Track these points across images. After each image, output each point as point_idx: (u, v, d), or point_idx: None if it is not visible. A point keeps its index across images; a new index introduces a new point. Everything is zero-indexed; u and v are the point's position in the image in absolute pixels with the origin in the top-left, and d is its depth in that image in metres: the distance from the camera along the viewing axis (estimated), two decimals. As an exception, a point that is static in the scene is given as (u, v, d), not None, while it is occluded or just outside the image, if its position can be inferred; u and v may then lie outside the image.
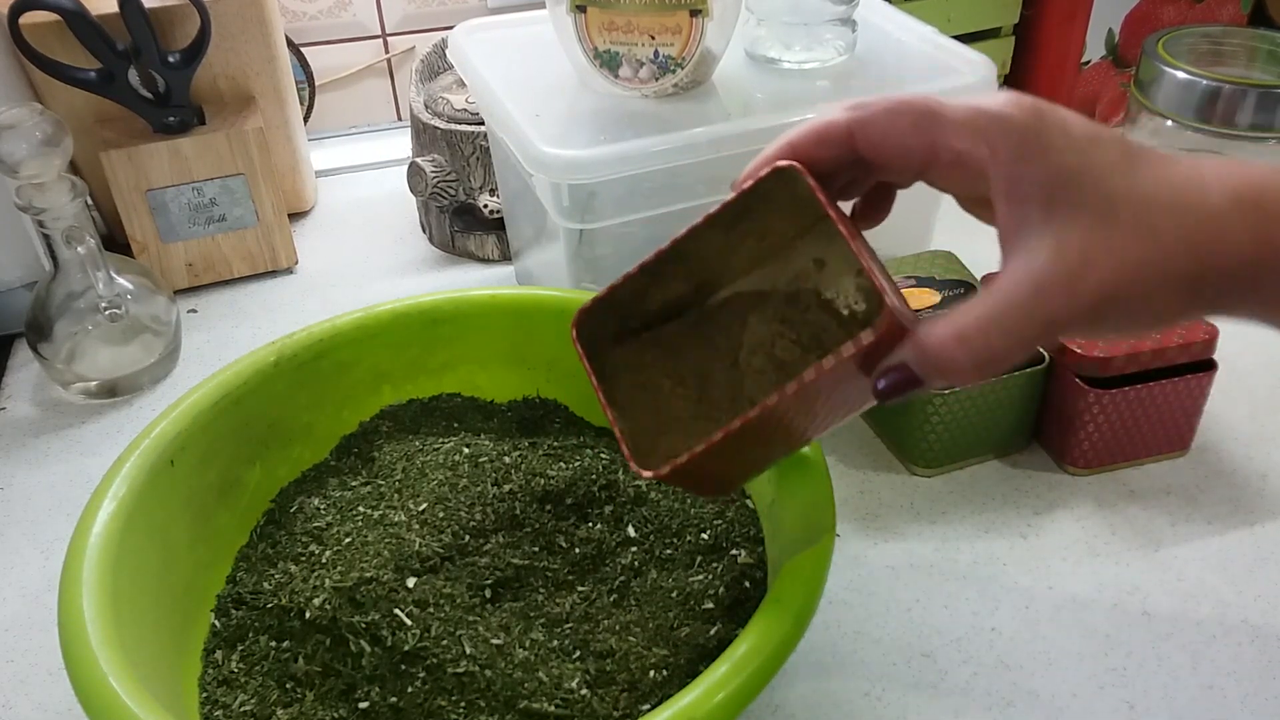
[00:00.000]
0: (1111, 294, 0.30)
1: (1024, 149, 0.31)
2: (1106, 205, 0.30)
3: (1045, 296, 0.30)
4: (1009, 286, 0.31)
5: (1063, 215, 0.30)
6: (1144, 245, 0.30)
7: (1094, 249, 0.30)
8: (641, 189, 0.55)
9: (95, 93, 0.68)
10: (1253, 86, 0.66)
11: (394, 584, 0.41)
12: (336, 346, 0.51)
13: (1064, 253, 0.30)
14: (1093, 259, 0.30)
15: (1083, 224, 0.30)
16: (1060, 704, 0.44)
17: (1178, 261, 0.30)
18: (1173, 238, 0.30)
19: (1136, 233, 0.30)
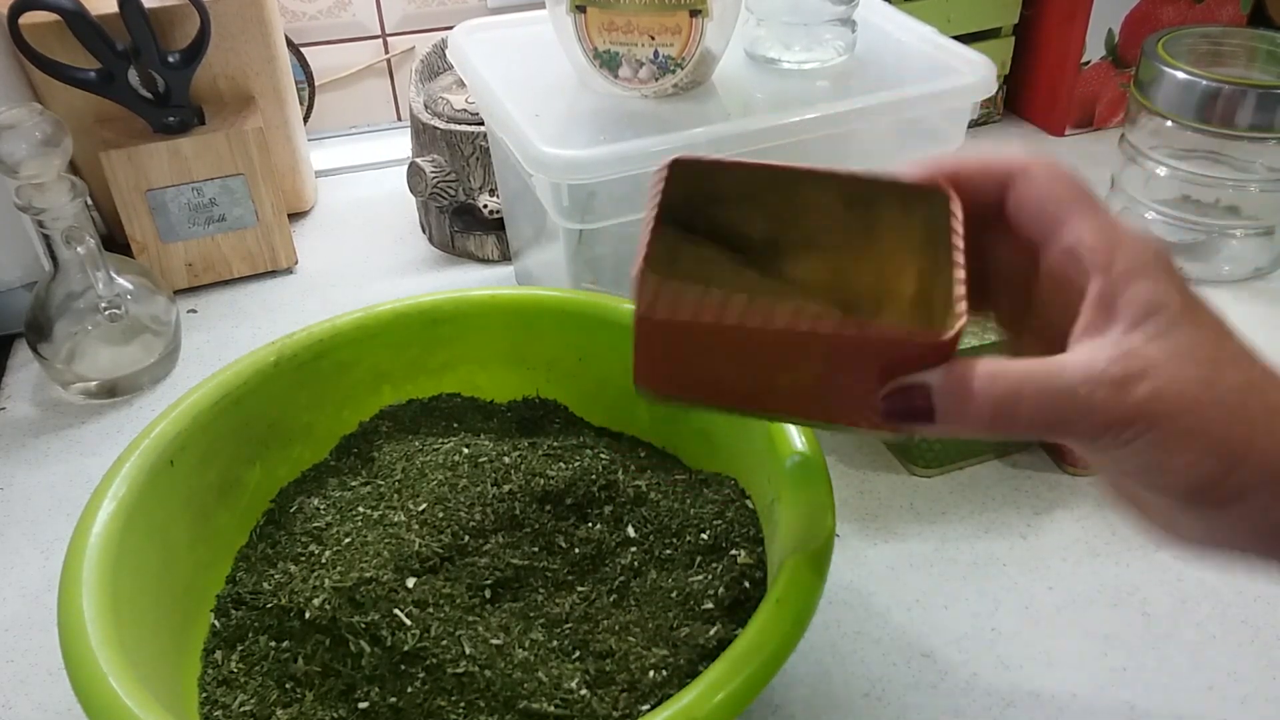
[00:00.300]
0: (1152, 410, 0.29)
1: (1146, 267, 0.31)
2: (1190, 345, 0.30)
3: (1093, 384, 0.29)
4: (1062, 362, 0.30)
5: (1147, 332, 0.30)
6: (1202, 387, 0.29)
7: (1159, 367, 0.29)
8: (641, 189, 0.55)
9: (95, 93, 0.68)
10: (1252, 87, 0.66)
11: (394, 584, 0.41)
12: (336, 346, 0.50)
13: (1131, 358, 0.29)
14: (1152, 373, 0.29)
15: (1162, 347, 0.30)
16: (1060, 704, 0.44)
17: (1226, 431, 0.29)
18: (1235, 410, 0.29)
19: (1200, 376, 0.29)
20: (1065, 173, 0.33)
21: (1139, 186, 0.74)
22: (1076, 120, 0.93)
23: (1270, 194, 0.70)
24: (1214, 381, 0.29)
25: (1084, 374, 0.29)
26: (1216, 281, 0.73)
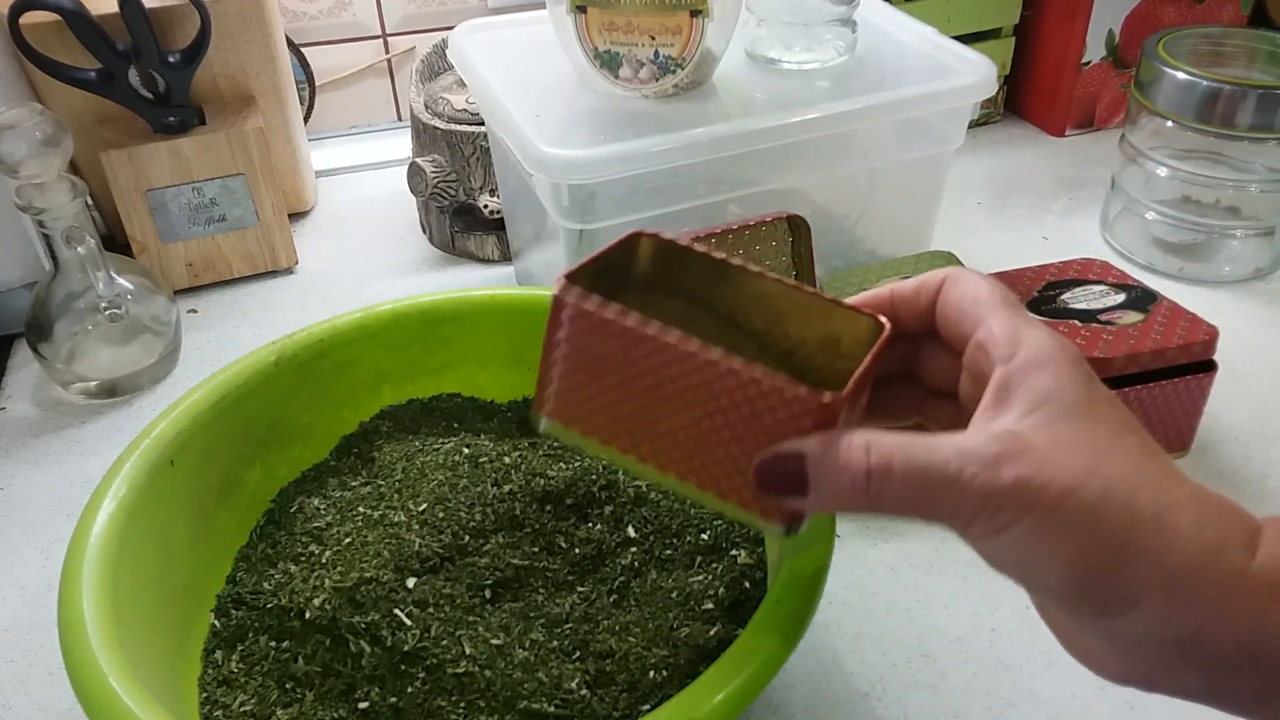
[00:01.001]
0: (1026, 494, 0.28)
1: (1048, 360, 0.30)
2: (1079, 435, 0.29)
3: (965, 460, 0.28)
4: (941, 440, 0.29)
5: (1035, 419, 0.29)
6: (1084, 475, 0.28)
7: (1039, 451, 0.28)
8: (641, 189, 0.55)
9: (95, 93, 0.68)
10: (1253, 87, 0.66)
11: (394, 584, 0.41)
12: (336, 346, 0.50)
13: (1011, 439, 0.28)
14: (1031, 455, 0.28)
15: (1047, 434, 0.28)
16: (1060, 704, 0.44)
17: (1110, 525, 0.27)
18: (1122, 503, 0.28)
19: (1084, 465, 0.28)
20: (988, 279, 0.33)
21: (1139, 187, 0.74)
22: (1076, 120, 0.93)
23: (1270, 194, 0.70)
24: (1098, 472, 0.28)
25: (956, 450, 0.28)
26: (1216, 282, 0.73)
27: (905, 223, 0.68)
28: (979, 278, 0.34)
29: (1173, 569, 0.27)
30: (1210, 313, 0.58)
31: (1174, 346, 0.53)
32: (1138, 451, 0.29)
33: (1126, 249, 0.76)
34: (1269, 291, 0.72)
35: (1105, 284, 0.59)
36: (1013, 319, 0.32)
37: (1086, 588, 0.28)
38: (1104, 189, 0.80)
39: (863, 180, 0.65)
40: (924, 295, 0.34)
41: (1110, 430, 0.29)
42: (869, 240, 0.67)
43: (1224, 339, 0.55)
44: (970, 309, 0.33)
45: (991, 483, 0.28)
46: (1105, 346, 0.53)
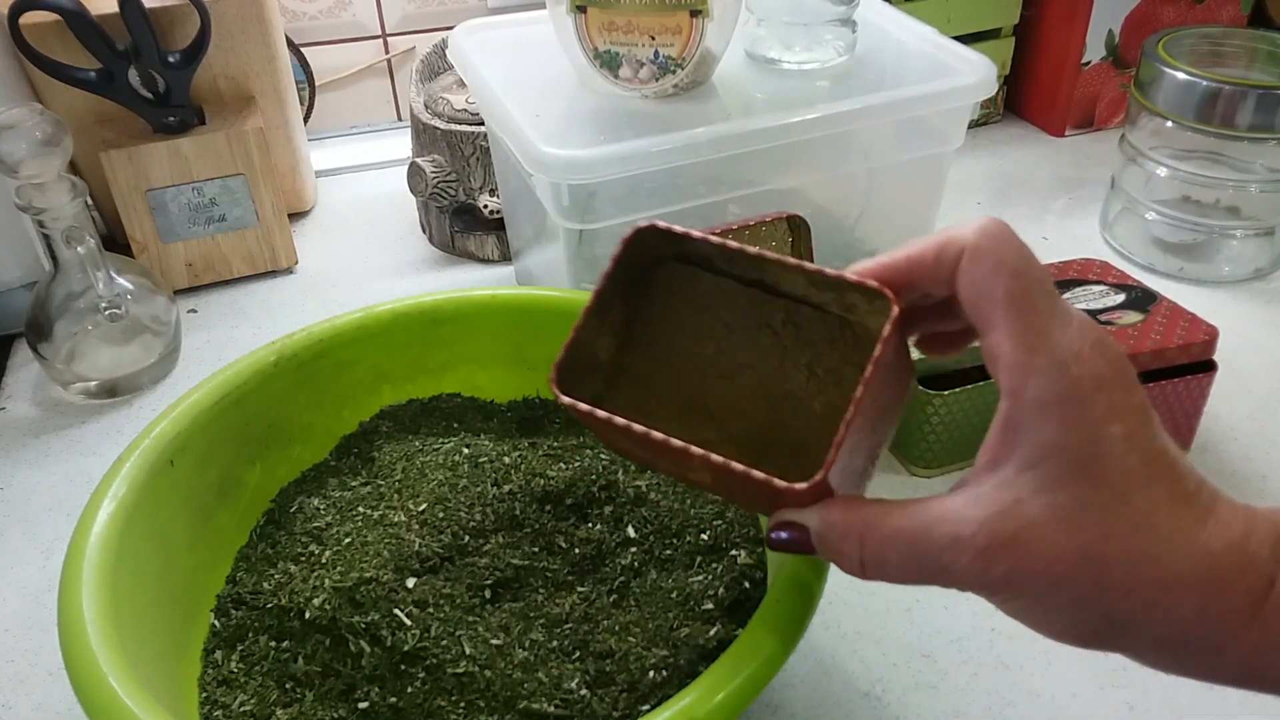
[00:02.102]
0: (1017, 583, 0.28)
1: (1058, 399, 0.28)
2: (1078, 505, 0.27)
3: (957, 551, 0.28)
4: (934, 519, 0.29)
5: (1036, 480, 0.28)
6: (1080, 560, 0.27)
7: (1032, 532, 0.27)
8: (641, 189, 0.55)
9: (95, 93, 0.68)
10: (1253, 87, 0.66)
11: (394, 584, 0.41)
12: (336, 346, 0.50)
13: (1004, 519, 0.28)
14: (1023, 540, 0.27)
15: (1045, 503, 0.27)
16: (1060, 704, 0.44)
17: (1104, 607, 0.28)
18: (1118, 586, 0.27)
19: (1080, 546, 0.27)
20: (1007, 257, 0.29)
21: (1139, 187, 0.74)
22: (1076, 120, 0.93)
23: (1270, 194, 0.70)
24: (1098, 555, 0.27)
25: (950, 538, 0.28)
26: (1216, 282, 0.73)
27: (905, 223, 0.68)
28: (997, 255, 0.29)
29: (1168, 638, 0.28)
30: (1210, 313, 0.58)
31: (1174, 346, 0.53)
32: (1144, 517, 0.27)
33: (1126, 249, 0.76)
34: (1269, 291, 0.72)
35: (1105, 284, 0.59)
36: (1026, 329, 0.28)
37: (1089, 644, 0.29)
38: (1104, 189, 0.80)
39: (863, 180, 0.65)
40: (943, 266, 0.30)
41: (1119, 491, 0.27)
42: (869, 240, 0.67)
43: (1224, 339, 0.55)
44: (980, 306, 0.29)
45: (984, 574, 0.28)
46: (1105, 346, 0.53)
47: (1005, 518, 0.28)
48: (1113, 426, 0.28)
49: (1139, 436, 0.28)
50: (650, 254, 0.37)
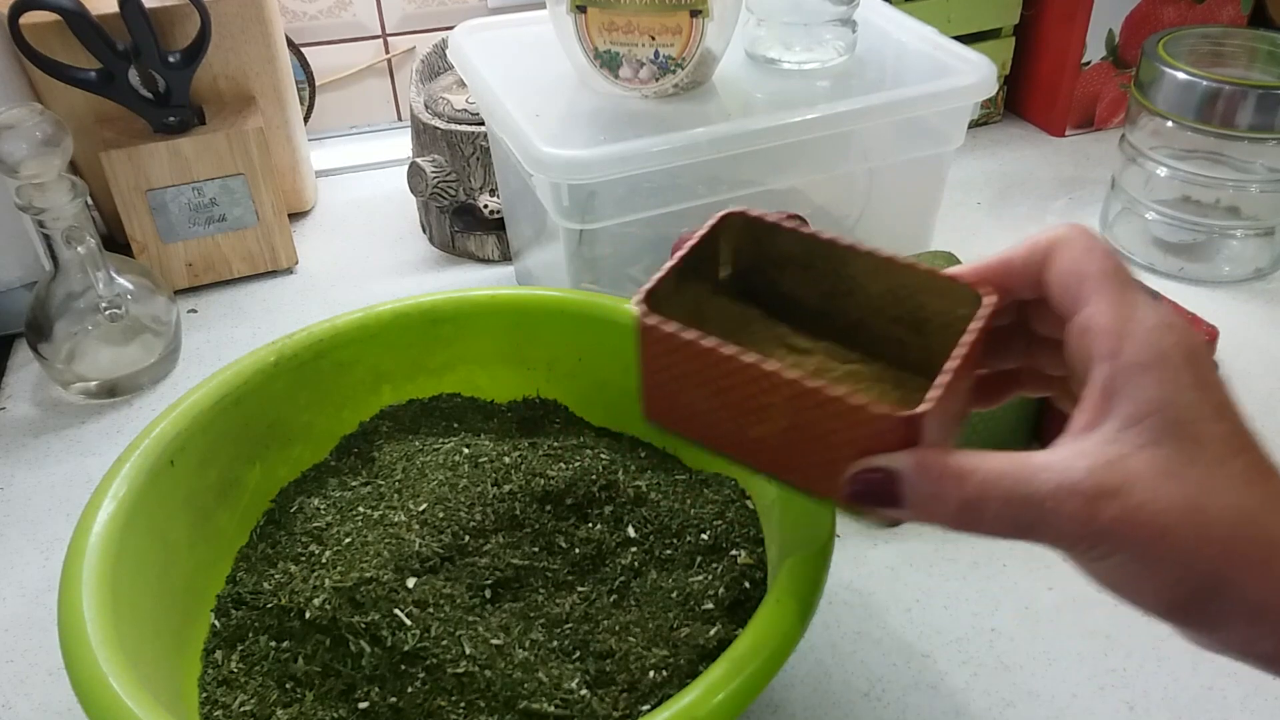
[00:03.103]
0: (1121, 533, 0.28)
1: (1157, 360, 0.29)
2: (1183, 459, 0.28)
3: (1062, 497, 0.28)
4: (1037, 466, 0.29)
5: (1139, 437, 0.28)
6: (1185, 513, 0.27)
7: (1139, 484, 0.28)
8: (641, 189, 0.55)
9: (95, 93, 0.68)
10: (1253, 87, 0.66)
11: (394, 584, 0.41)
12: (336, 346, 0.51)
13: (1110, 469, 0.28)
14: (1129, 490, 0.28)
15: (1150, 458, 0.28)
16: (1060, 704, 0.44)
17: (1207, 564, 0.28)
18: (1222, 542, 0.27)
19: (1186, 499, 0.27)
20: (1097, 245, 0.31)
21: (1139, 187, 0.74)
22: (1077, 120, 0.93)
23: (1270, 194, 0.70)
24: (1202, 507, 0.28)
25: (1055, 484, 0.28)
26: (1216, 282, 0.73)
27: (905, 223, 0.68)
28: (1088, 243, 0.31)
29: (1261, 604, 0.28)
30: (1210, 313, 0.58)
31: (1174, 346, 0.53)
32: (1242, 480, 0.28)
33: (1126, 249, 0.76)
34: (1269, 291, 0.72)
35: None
36: (1121, 301, 0.30)
37: (1177, 612, 0.29)
38: (1104, 189, 0.80)
39: (863, 180, 0.65)
40: (1034, 261, 0.32)
41: (1216, 454, 0.28)
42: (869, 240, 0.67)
43: (1224, 339, 0.55)
44: (1075, 285, 0.31)
45: (1089, 522, 0.28)
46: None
47: (1111, 468, 0.28)
48: (1205, 394, 0.29)
49: (1227, 408, 0.29)
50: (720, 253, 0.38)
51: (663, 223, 0.57)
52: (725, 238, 0.38)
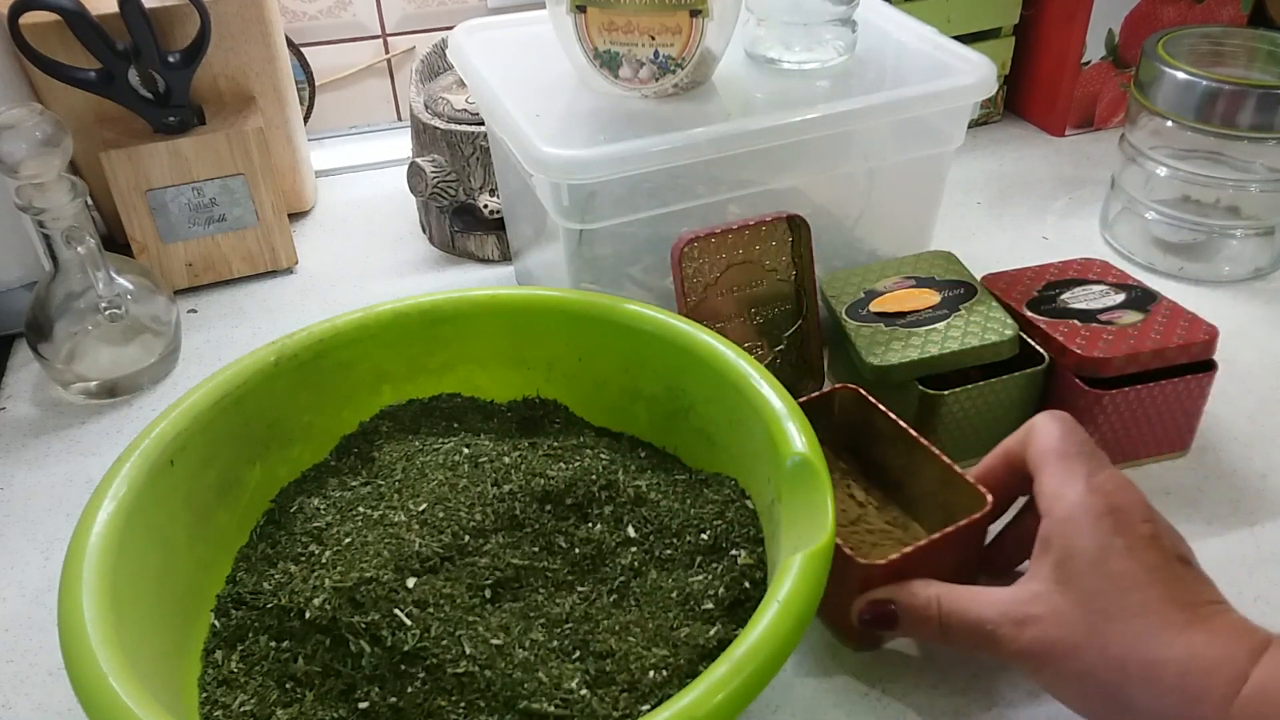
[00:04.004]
0: (1038, 651, 0.37)
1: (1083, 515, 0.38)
2: (1091, 593, 0.36)
3: (998, 623, 0.38)
4: (988, 598, 0.39)
5: (1060, 575, 0.37)
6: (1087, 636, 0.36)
7: (1053, 613, 0.37)
8: (641, 189, 0.55)
9: (95, 93, 0.68)
10: (1253, 87, 0.66)
11: (394, 584, 0.41)
12: (336, 346, 0.51)
13: (1033, 602, 0.37)
14: (1045, 619, 0.37)
15: (1065, 592, 0.37)
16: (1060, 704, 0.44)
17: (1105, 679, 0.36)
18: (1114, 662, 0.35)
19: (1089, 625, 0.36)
20: (1057, 425, 0.41)
21: (1139, 186, 0.74)
22: (1076, 120, 0.93)
23: (1270, 194, 0.70)
24: (1101, 631, 0.35)
25: (996, 612, 0.38)
26: (1216, 281, 0.73)
27: (905, 223, 0.68)
28: (1048, 425, 0.41)
29: (1153, 712, 0.34)
30: (1210, 313, 0.58)
31: (1174, 346, 0.53)
32: (1137, 609, 0.35)
33: (1126, 249, 0.76)
34: (1269, 291, 0.72)
35: (1105, 284, 0.59)
36: (1063, 470, 0.39)
37: (1097, 716, 0.37)
38: (1104, 189, 0.80)
39: (863, 180, 0.65)
40: (1024, 446, 0.43)
41: (1118, 588, 0.36)
42: (869, 240, 0.67)
43: (1224, 339, 0.55)
44: (1037, 460, 0.41)
45: (1015, 643, 0.38)
46: (1105, 346, 0.53)
47: (1036, 600, 0.37)
48: (1118, 539, 0.36)
49: (1141, 549, 0.36)
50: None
51: (663, 223, 0.57)
52: (839, 401, 0.53)
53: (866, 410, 0.52)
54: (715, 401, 0.48)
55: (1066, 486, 0.38)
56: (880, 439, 0.52)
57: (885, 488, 0.53)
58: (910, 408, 0.54)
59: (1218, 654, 0.34)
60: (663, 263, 0.56)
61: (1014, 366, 0.54)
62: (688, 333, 0.49)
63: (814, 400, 0.53)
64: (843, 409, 0.54)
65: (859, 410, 0.53)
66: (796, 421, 0.43)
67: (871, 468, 0.54)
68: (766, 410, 0.44)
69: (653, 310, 0.50)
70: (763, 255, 0.57)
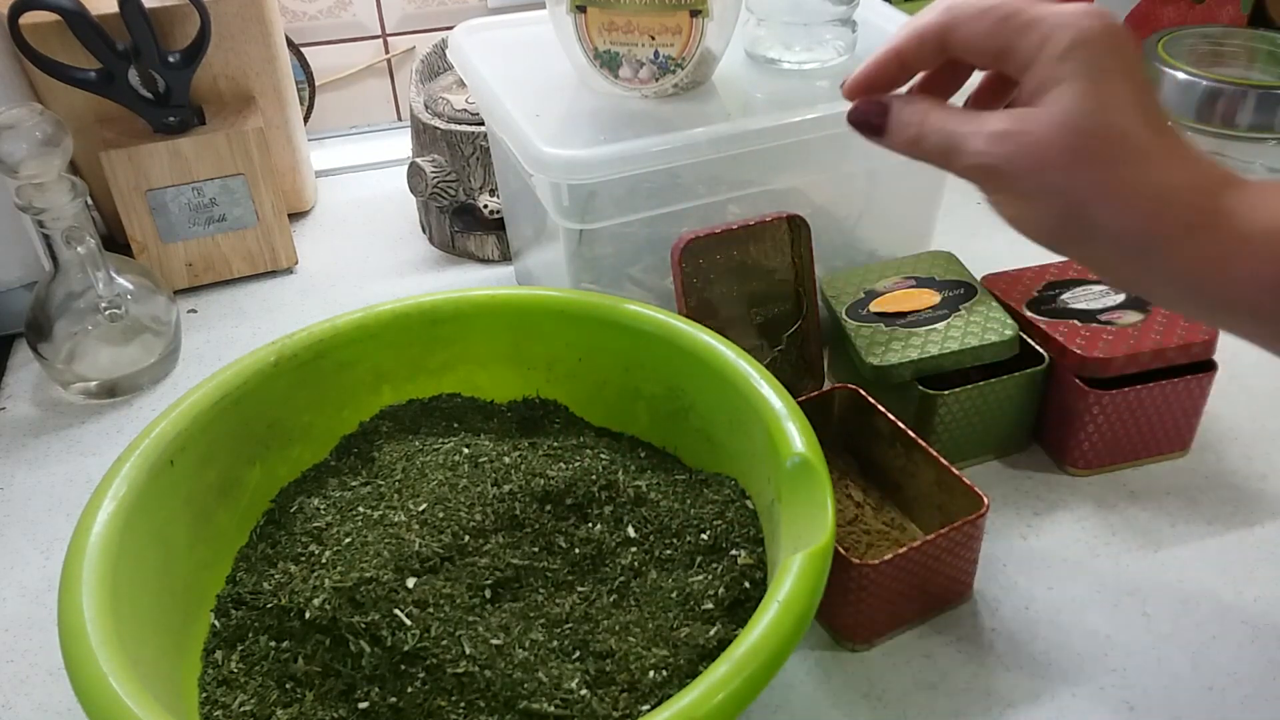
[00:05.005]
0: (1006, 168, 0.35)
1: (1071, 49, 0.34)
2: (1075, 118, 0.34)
3: (977, 135, 0.35)
4: (969, 117, 0.36)
5: (1047, 101, 0.34)
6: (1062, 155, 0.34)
7: (1032, 133, 0.34)
8: (641, 189, 0.55)
9: (95, 93, 0.68)
10: (1253, 87, 0.66)
11: (394, 584, 0.41)
12: (336, 346, 0.50)
13: (1017, 120, 0.35)
14: (1022, 137, 0.34)
15: (1049, 114, 0.34)
16: (1061, 704, 0.44)
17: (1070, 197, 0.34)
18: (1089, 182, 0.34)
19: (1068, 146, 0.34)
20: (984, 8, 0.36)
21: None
22: (1076, 120, 0.93)
23: None
24: (1078, 150, 0.34)
25: (971, 128, 0.36)
26: (1216, 282, 0.73)
27: (905, 223, 0.68)
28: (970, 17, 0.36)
29: (1124, 235, 0.34)
30: (1210, 313, 0.58)
31: (1174, 346, 0.53)
32: (1119, 136, 0.34)
33: (1126, 249, 0.76)
34: (1269, 291, 0.72)
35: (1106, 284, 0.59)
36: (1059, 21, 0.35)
37: (1056, 237, 0.36)
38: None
39: (862, 180, 0.65)
40: (927, 46, 0.38)
41: (1117, 107, 0.34)
42: (869, 240, 0.67)
43: (1224, 339, 0.54)
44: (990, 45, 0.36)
45: (987, 156, 0.35)
46: (1105, 346, 0.53)
47: (1016, 119, 0.35)
48: (1114, 62, 0.34)
49: (1132, 75, 0.34)
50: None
51: (663, 223, 0.57)
52: (839, 401, 0.54)
53: (865, 411, 0.53)
54: (715, 401, 0.48)
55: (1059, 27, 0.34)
56: (879, 439, 0.52)
57: (883, 488, 0.53)
58: (910, 408, 0.54)
59: (1188, 181, 0.34)
60: (663, 263, 0.56)
61: (1014, 366, 0.55)
62: (688, 333, 0.49)
63: (814, 400, 0.53)
64: (842, 409, 0.54)
65: (858, 410, 0.53)
66: (796, 421, 0.43)
67: (870, 468, 0.54)
68: (766, 410, 0.44)
69: (653, 310, 0.50)
70: (763, 255, 0.57)
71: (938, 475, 0.49)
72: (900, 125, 0.38)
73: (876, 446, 0.53)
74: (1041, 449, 0.58)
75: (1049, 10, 0.35)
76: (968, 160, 0.36)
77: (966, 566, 0.48)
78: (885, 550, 0.48)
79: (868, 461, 0.54)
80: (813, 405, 0.53)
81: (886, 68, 0.39)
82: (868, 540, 0.51)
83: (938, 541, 0.45)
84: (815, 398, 0.53)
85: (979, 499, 0.47)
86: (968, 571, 0.48)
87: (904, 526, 0.52)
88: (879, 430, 0.52)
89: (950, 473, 0.48)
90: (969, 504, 0.47)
